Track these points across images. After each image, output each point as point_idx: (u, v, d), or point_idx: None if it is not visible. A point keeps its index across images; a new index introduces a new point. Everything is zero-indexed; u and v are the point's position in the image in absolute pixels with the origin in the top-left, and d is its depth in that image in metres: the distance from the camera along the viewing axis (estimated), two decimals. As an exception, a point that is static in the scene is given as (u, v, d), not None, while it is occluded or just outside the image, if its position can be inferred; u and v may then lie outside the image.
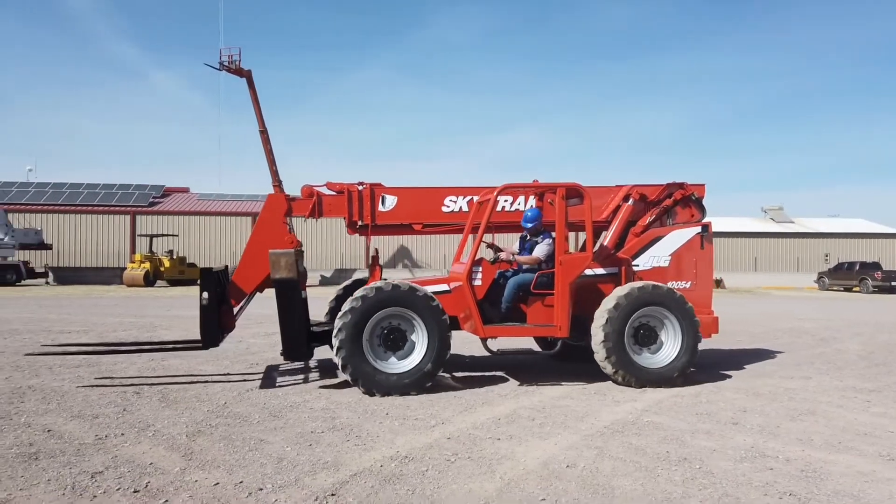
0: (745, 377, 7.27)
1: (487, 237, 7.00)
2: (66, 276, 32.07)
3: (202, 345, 6.88)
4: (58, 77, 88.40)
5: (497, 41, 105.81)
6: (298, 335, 6.61)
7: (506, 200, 7.52)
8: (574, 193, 6.79)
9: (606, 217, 7.44)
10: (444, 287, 6.75)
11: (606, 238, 7.28)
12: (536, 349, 8.27)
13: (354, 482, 3.76)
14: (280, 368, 7.60)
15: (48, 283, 30.88)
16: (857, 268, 31.76)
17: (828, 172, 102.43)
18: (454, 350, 6.85)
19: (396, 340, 6.28)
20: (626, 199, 7.34)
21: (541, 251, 6.78)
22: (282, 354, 6.74)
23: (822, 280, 33.78)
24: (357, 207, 7.36)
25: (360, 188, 7.39)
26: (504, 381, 6.83)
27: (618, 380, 6.46)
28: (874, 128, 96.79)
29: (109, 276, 32.07)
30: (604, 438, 4.71)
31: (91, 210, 36.99)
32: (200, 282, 6.76)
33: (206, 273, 6.78)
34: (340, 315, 6.12)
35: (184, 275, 30.17)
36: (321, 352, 7.14)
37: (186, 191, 43.04)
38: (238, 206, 39.39)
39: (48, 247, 33.18)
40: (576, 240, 8.64)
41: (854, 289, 31.42)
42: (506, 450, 4.41)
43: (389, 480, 3.79)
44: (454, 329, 6.59)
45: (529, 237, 7.09)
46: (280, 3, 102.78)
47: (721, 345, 9.95)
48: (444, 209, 7.46)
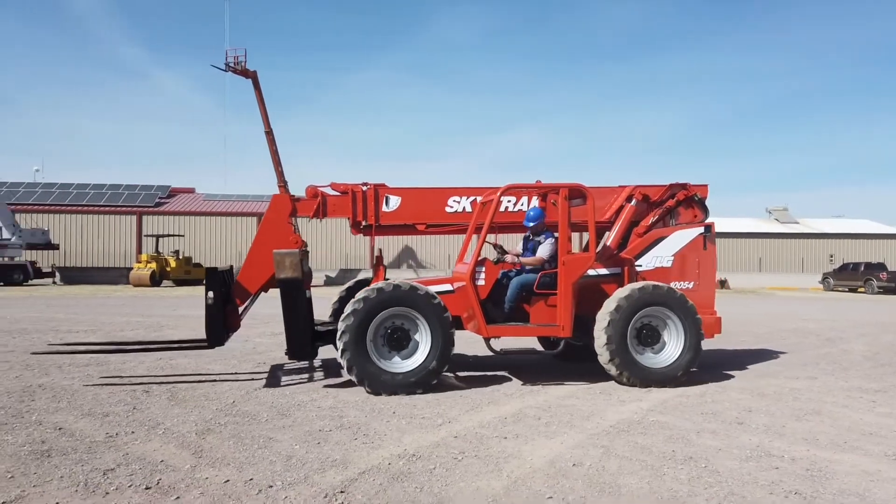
0: (751, 377, 7.29)
1: (491, 237, 7.04)
2: (73, 276, 32.24)
3: (208, 344, 6.94)
4: (64, 78, 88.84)
5: (498, 41, 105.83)
6: (303, 335, 6.65)
7: (509, 201, 7.56)
8: (577, 194, 6.83)
9: (609, 217, 7.46)
10: (448, 287, 6.79)
11: (609, 238, 7.31)
12: (539, 349, 8.31)
13: (363, 480, 3.81)
14: (285, 367, 7.65)
15: (55, 283, 31.04)
16: (862, 268, 31.67)
17: (832, 173, 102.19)
18: (457, 350, 6.89)
19: (400, 340, 6.32)
20: (629, 200, 7.36)
21: (544, 251, 6.82)
22: (286, 354, 6.79)
23: (827, 281, 33.68)
24: (361, 208, 7.40)
25: (364, 189, 7.43)
26: (509, 381, 6.87)
27: (622, 381, 6.48)
28: (879, 128, 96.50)
29: (116, 276, 32.24)
30: (610, 437, 4.74)
31: (97, 210, 37.15)
32: (206, 281, 6.81)
33: (212, 273, 6.83)
34: (343, 318, 6.16)
35: (190, 275, 30.29)
36: (326, 351, 7.19)
37: (192, 191, 43.17)
38: (243, 207, 39.50)
39: (55, 247, 33.35)
40: (580, 240, 8.67)
41: (859, 289, 31.33)
42: (512, 448, 4.45)
43: (398, 478, 3.83)
44: (458, 329, 6.63)
45: (532, 236, 7.13)
46: (282, 5, 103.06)
47: (726, 345, 9.96)
48: (448, 209, 7.50)
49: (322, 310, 7.69)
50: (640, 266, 7.07)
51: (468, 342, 8.91)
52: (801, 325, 13.65)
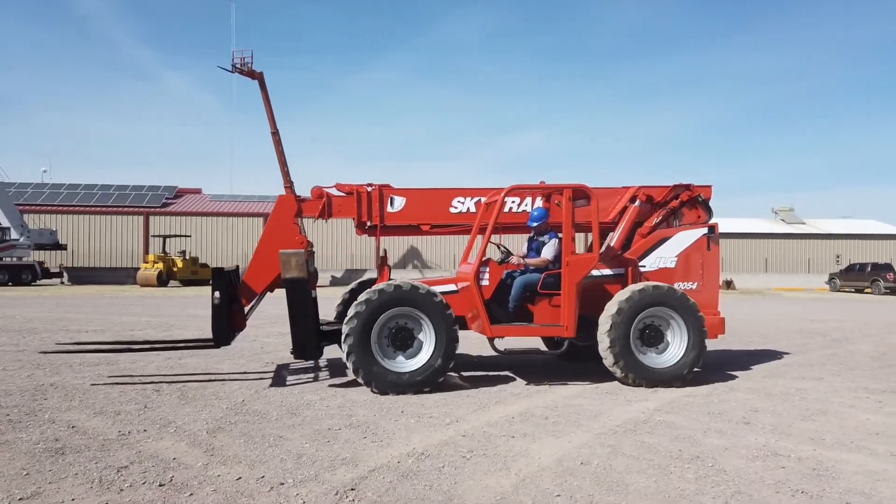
0: (757, 377, 7.30)
1: (495, 238, 7.07)
2: (81, 276, 32.45)
3: (214, 344, 7.00)
4: (71, 79, 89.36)
5: (503, 42, 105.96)
6: (309, 334, 6.69)
7: (513, 201, 7.57)
8: (581, 195, 6.85)
9: (613, 218, 7.49)
10: (452, 287, 6.83)
11: (613, 239, 7.33)
12: (543, 349, 8.33)
13: (373, 478, 3.85)
14: (290, 367, 7.70)
15: (63, 283, 31.24)
16: (869, 269, 31.56)
17: (839, 173, 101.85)
18: (462, 350, 6.92)
19: (405, 340, 6.36)
20: (633, 201, 7.38)
21: (548, 252, 6.85)
22: (292, 353, 6.83)
23: (834, 281, 33.59)
24: (366, 208, 7.44)
25: (369, 189, 7.46)
26: (515, 381, 6.90)
27: (629, 382, 6.51)
28: (886, 128, 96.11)
29: (123, 276, 32.44)
30: (617, 437, 4.77)
31: (105, 211, 37.37)
32: (212, 281, 6.87)
33: (218, 273, 6.89)
34: (347, 320, 6.21)
35: (196, 275, 30.45)
36: (331, 351, 7.23)
37: (199, 192, 43.38)
38: (250, 207, 39.65)
39: (63, 247, 33.56)
40: (584, 240, 8.71)
41: (866, 290, 31.23)
42: (520, 447, 4.49)
43: (407, 476, 3.88)
44: (462, 329, 6.67)
45: (535, 236, 7.16)
46: (288, 6, 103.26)
47: (732, 346, 9.97)
48: (452, 210, 7.53)
49: (328, 310, 7.74)
50: (644, 267, 7.10)
51: (472, 342, 8.96)
52: (808, 326, 13.63)
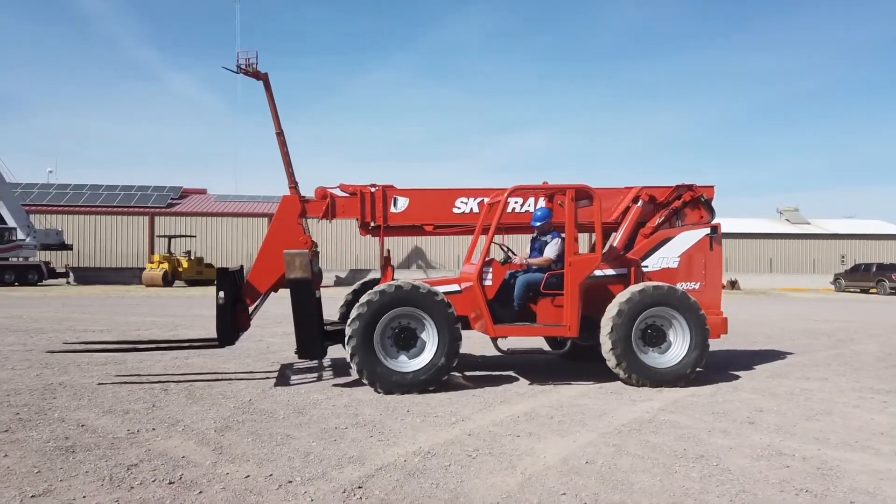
0: (762, 377, 7.31)
1: (498, 238, 7.10)
2: (87, 277, 32.59)
3: (219, 343, 7.05)
4: (77, 80, 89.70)
5: (505, 42, 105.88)
6: (313, 334, 6.71)
7: (516, 202, 7.61)
8: (584, 195, 6.88)
9: (616, 218, 7.51)
10: (456, 287, 6.86)
11: (616, 239, 7.35)
12: (546, 349, 8.36)
13: (380, 476, 3.89)
14: (294, 367, 7.75)
15: (69, 283, 31.39)
16: (875, 269, 31.48)
17: (844, 173, 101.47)
18: (465, 350, 6.94)
19: (408, 339, 6.40)
20: (636, 201, 7.40)
21: (551, 251, 6.88)
22: (296, 353, 6.88)
23: (839, 282, 33.50)
24: (369, 209, 7.49)
25: (373, 190, 7.51)
26: (519, 381, 6.93)
27: (633, 383, 6.53)
28: (891, 128, 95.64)
29: (129, 277, 32.58)
30: (621, 436, 4.80)
31: (110, 211, 37.51)
32: (217, 282, 6.91)
33: (223, 273, 6.93)
34: (349, 322, 6.26)
35: (201, 275, 30.55)
36: (335, 350, 7.27)
37: (204, 192, 43.51)
38: (254, 208, 39.76)
39: (69, 247, 33.71)
40: (588, 240, 8.73)
41: (871, 290, 31.15)
42: (526, 446, 4.52)
43: (413, 474, 3.91)
44: (465, 329, 6.71)
45: (538, 236, 7.19)
46: (290, 7, 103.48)
47: (737, 346, 9.98)
48: (456, 210, 7.56)
49: (332, 310, 7.78)
50: (647, 267, 7.12)
51: (476, 342, 8.99)
52: (813, 326, 13.62)
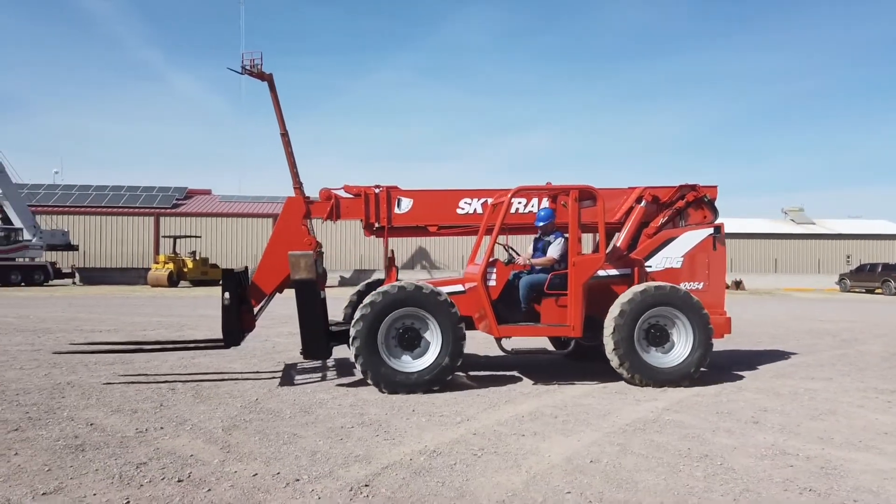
0: (766, 377, 7.33)
1: (501, 239, 7.14)
2: (93, 277, 32.72)
3: (224, 344, 7.10)
4: (82, 80, 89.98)
5: (509, 43, 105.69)
6: (318, 334, 6.76)
7: (519, 202, 7.64)
8: (587, 195, 6.90)
9: (619, 219, 7.53)
10: (460, 287, 6.90)
11: (619, 239, 7.37)
12: (550, 349, 8.39)
13: (386, 474, 3.92)
14: (298, 367, 7.80)
15: (75, 284, 31.51)
16: (880, 269, 31.34)
17: (849, 173, 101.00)
18: (469, 350, 6.95)
19: (412, 340, 6.44)
20: (639, 201, 7.42)
21: (555, 251, 6.91)
22: (301, 353, 6.92)
23: (844, 282, 33.39)
24: (374, 210, 7.53)
25: (377, 191, 7.55)
26: (523, 381, 6.96)
27: (636, 382, 6.55)
28: (887, 128, 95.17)
29: (134, 277, 32.69)
30: (626, 435, 4.83)
31: (116, 212, 37.66)
32: (222, 282, 6.97)
33: (228, 274, 6.98)
34: (353, 323, 6.31)
35: (206, 275, 30.65)
36: (339, 350, 7.32)
37: (208, 193, 43.62)
38: (259, 208, 39.86)
39: (75, 248, 33.85)
40: (592, 241, 8.76)
41: (876, 290, 31.03)
42: (530, 445, 4.55)
43: (419, 473, 3.95)
44: (469, 329, 6.74)
45: (542, 236, 7.22)
46: (295, 7, 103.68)
47: (742, 346, 9.99)
48: (459, 211, 7.60)
49: (337, 310, 7.82)
50: (650, 267, 7.14)
51: (480, 343, 9.02)
52: (818, 326, 13.61)
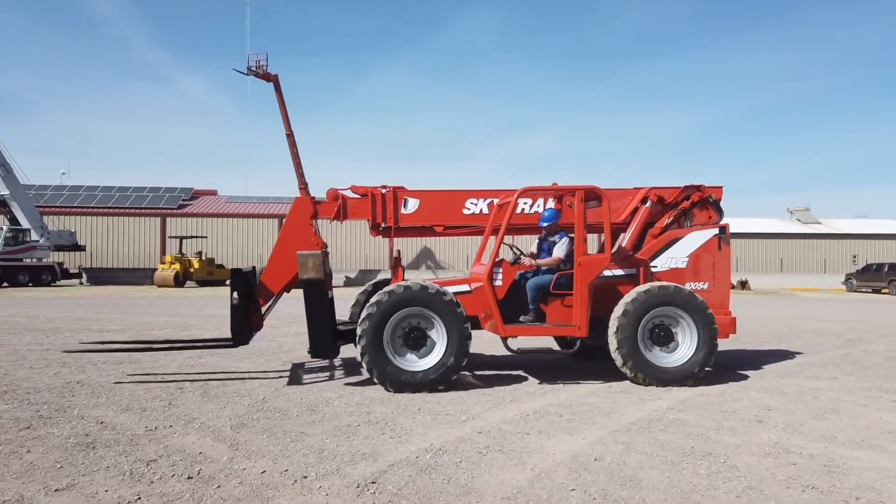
0: (770, 377, 7.35)
1: (507, 239, 7.18)
2: (99, 277, 32.91)
3: (233, 343, 7.16)
4: (89, 81, 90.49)
5: (514, 43, 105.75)
6: (326, 334, 6.81)
7: (525, 203, 7.68)
8: (592, 196, 6.94)
9: (625, 219, 7.57)
10: (466, 287, 6.95)
11: (624, 240, 7.41)
12: (556, 348, 8.42)
13: (392, 472, 3.97)
14: (306, 366, 7.85)
15: (82, 284, 31.70)
16: (886, 269, 31.26)
17: (856, 173, 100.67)
18: (475, 350, 6.98)
19: (418, 339, 6.48)
20: (644, 202, 7.45)
21: (560, 251, 6.94)
22: (309, 352, 6.97)
23: (850, 281, 33.30)
24: (381, 210, 7.59)
25: (384, 191, 7.61)
26: (528, 380, 7.00)
27: (639, 381, 6.58)
28: (887, 128, 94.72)
29: (141, 277, 32.86)
30: (630, 434, 4.86)
31: (122, 212, 37.87)
32: (231, 282, 7.03)
33: (237, 273, 7.04)
34: (360, 321, 6.38)
35: (212, 275, 30.80)
36: (345, 350, 7.36)
37: (214, 193, 43.83)
38: (264, 209, 40.02)
39: (82, 248, 34.08)
40: (597, 241, 8.81)
41: (882, 290, 30.93)
42: (535, 444, 4.59)
43: (425, 470, 3.99)
44: (475, 329, 6.79)
45: (546, 236, 7.26)
46: (299, 8, 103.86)
47: (746, 345, 10.00)
48: (465, 211, 7.65)
49: (344, 310, 7.88)
50: (656, 267, 7.17)
51: (486, 342, 9.06)
52: (823, 326, 13.59)
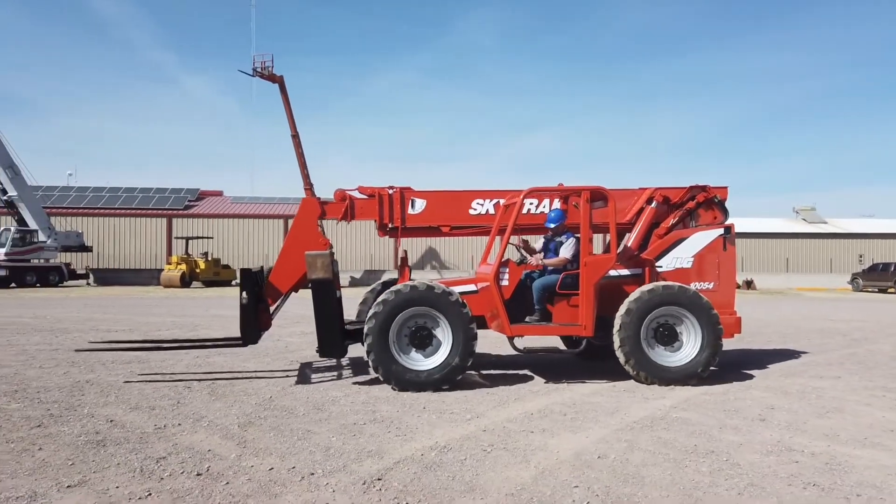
0: (775, 376, 7.37)
1: (514, 239, 7.23)
2: (106, 278, 33.11)
3: (242, 342, 7.22)
4: (95, 83, 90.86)
5: (518, 44, 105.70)
6: (334, 333, 6.88)
7: (531, 203, 7.72)
8: (598, 196, 6.98)
9: (630, 219, 7.59)
10: (472, 287, 6.99)
11: (630, 240, 7.44)
12: (562, 348, 8.45)
13: (398, 469, 4.03)
14: (313, 365, 7.92)
15: (89, 285, 31.90)
16: (893, 269, 31.15)
17: (862, 172, 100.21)
18: (481, 349, 7.02)
19: (424, 339, 6.54)
20: (650, 202, 7.48)
21: (567, 251, 6.98)
22: (317, 351, 7.03)
23: (856, 281, 33.20)
24: (388, 210, 7.64)
25: (391, 192, 7.67)
26: (533, 379, 7.05)
27: (642, 380, 6.62)
28: (888, 128, 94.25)
29: (147, 278, 33.03)
30: (633, 432, 4.90)
31: (129, 213, 38.06)
32: (240, 282, 7.09)
33: (246, 273, 7.10)
34: (367, 320, 6.45)
35: (219, 276, 30.93)
36: (352, 349, 7.42)
37: (220, 194, 44.01)
38: (270, 209, 40.15)
39: (88, 249, 34.25)
40: (602, 241, 8.85)
41: (889, 290, 30.83)
42: (539, 442, 4.64)
43: (431, 468, 4.05)
44: (482, 328, 6.84)
45: (552, 237, 7.30)
46: (304, 9, 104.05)
47: (751, 345, 10.02)
48: (472, 212, 7.70)
49: (352, 309, 7.94)
50: (661, 267, 7.20)
51: (492, 341, 9.10)
52: (828, 326, 13.58)
